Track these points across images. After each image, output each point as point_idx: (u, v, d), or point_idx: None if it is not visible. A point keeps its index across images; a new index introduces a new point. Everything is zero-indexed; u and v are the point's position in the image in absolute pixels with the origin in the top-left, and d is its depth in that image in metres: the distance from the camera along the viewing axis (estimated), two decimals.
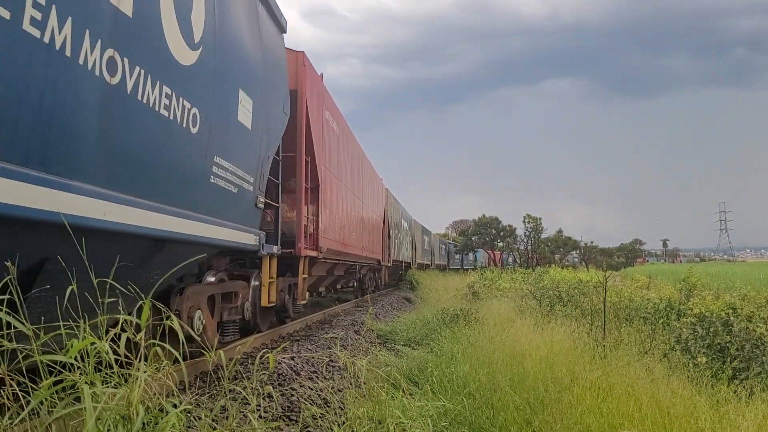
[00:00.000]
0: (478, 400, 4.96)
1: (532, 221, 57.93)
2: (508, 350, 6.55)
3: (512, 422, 4.44)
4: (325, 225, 11.67)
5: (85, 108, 3.50)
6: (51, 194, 3.18)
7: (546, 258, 60.57)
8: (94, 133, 3.61)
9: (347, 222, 14.66)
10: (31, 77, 3.05)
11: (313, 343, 8.91)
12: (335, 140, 12.99)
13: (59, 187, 3.26)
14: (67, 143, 3.37)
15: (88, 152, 3.57)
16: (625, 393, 4.67)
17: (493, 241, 60.38)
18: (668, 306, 9.26)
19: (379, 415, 4.16)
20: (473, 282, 21.29)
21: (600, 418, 4.22)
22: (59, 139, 3.30)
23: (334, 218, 12.70)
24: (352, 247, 15.31)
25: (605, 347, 6.57)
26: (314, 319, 12.53)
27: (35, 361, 2.52)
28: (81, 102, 3.45)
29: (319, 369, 6.89)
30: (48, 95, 3.18)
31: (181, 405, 2.81)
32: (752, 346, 6.41)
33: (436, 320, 10.51)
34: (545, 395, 4.77)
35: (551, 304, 11.87)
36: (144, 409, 2.55)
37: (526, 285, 17.52)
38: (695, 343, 6.83)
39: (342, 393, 5.52)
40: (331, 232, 12.28)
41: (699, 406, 4.44)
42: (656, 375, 5.41)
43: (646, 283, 19.00)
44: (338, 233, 13.27)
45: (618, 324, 8.16)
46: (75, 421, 2.59)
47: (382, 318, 13.66)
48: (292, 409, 5.14)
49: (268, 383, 5.74)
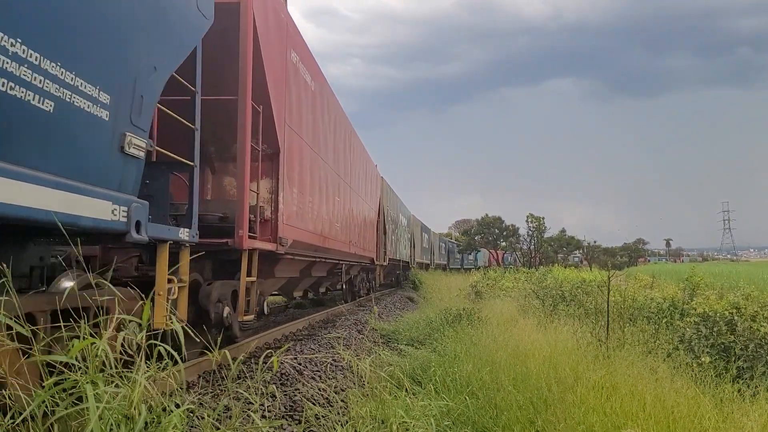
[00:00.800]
0: (481, 400, 4.95)
1: (535, 221, 57.89)
2: (511, 350, 6.54)
3: (515, 422, 4.43)
4: (291, 209, 8.60)
5: None
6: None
7: (549, 257, 60.53)
8: None
9: (328, 210, 11.58)
10: None
11: (316, 342, 8.90)
12: (309, 98, 9.83)
13: None
14: None
15: None
16: (629, 393, 4.66)
17: (495, 241, 60.36)
18: (672, 305, 9.24)
19: (383, 414, 4.16)
20: (476, 281, 21.28)
21: (603, 418, 4.20)
22: None
23: (306, 201, 9.60)
24: (336, 242, 12.35)
25: (609, 347, 6.55)
26: (317, 318, 12.54)
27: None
28: None
29: (322, 368, 6.88)
30: None
31: (184, 405, 2.81)
32: (756, 346, 6.39)
33: (439, 320, 10.50)
34: (548, 395, 4.75)
35: (554, 303, 11.85)
36: (146, 408, 2.54)
37: (529, 285, 17.52)
38: (699, 342, 6.80)
39: (345, 392, 5.52)
40: (300, 220, 9.20)
41: (703, 405, 4.42)
42: (660, 375, 5.39)
43: (649, 283, 18.97)
44: (314, 223, 10.22)
45: (621, 324, 8.13)
46: (77, 421, 2.58)
47: (385, 318, 13.66)
48: (295, 409, 5.14)
49: (271, 383, 5.74)
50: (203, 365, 6.12)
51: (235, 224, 6.74)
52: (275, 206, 7.98)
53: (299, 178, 9.09)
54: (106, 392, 2.48)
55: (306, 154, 9.58)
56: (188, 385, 5.39)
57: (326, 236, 11.32)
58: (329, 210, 11.64)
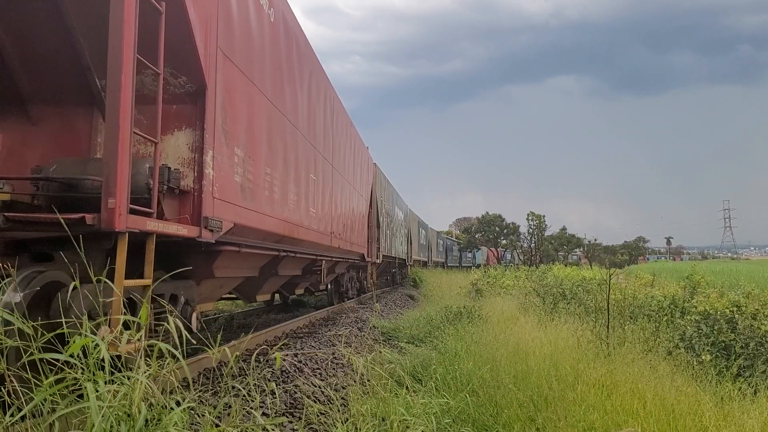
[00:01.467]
0: (481, 398, 4.96)
1: (536, 219, 57.88)
2: (512, 348, 6.54)
3: (516, 419, 4.43)
4: (231, 179, 5.97)
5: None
6: None
7: (549, 256, 60.55)
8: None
9: (299, 190, 8.72)
10: None
11: (317, 340, 8.91)
12: (266, 29, 7.17)
13: None
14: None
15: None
16: (630, 390, 4.66)
17: (496, 239, 60.37)
18: (672, 304, 9.25)
19: (383, 412, 4.16)
20: (477, 279, 21.29)
21: (604, 416, 4.20)
22: None
23: (261, 173, 6.90)
24: (311, 232, 9.55)
25: (609, 345, 6.55)
26: (317, 316, 12.54)
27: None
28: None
29: (323, 366, 6.89)
30: None
31: (184, 402, 2.81)
32: (757, 344, 6.39)
33: (439, 318, 10.50)
34: (549, 392, 4.76)
35: (555, 301, 11.86)
36: (147, 406, 2.54)
37: (530, 283, 17.53)
38: (699, 340, 6.81)
39: (346, 390, 5.52)
40: (251, 197, 6.56)
41: (703, 403, 4.42)
42: (660, 373, 5.39)
43: (650, 281, 18.97)
44: (272, 203, 7.32)
45: (622, 322, 8.14)
46: (77, 419, 2.58)
47: (386, 316, 13.66)
48: (295, 406, 5.14)
49: (271, 380, 5.74)
50: (203, 362, 6.11)
51: (102, 191, 4.04)
52: (199, 171, 5.38)
53: (248, 137, 6.44)
54: (108, 390, 2.49)
55: (261, 106, 6.95)
56: (188, 383, 5.40)
57: (295, 224, 8.51)
58: (300, 190, 8.82)
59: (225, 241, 6.11)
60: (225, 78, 5.87)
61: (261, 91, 6.96)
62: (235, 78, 6.18)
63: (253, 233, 6.90)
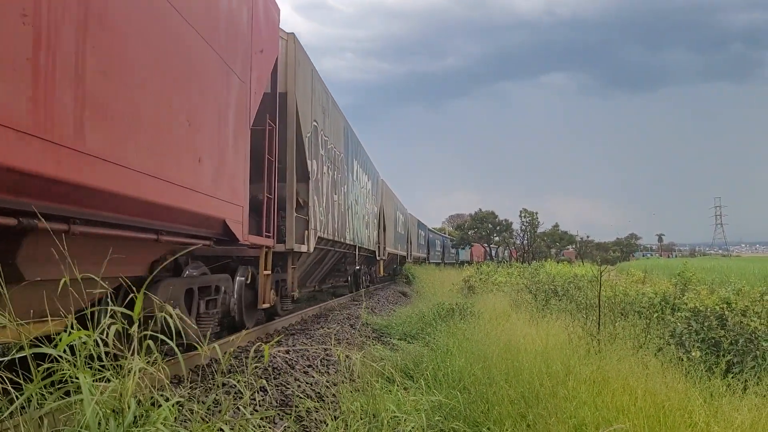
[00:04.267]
0: (473, 394, 4.96)
1: (528, 216, 58.04)
2: (504, 344, 6.54)
3: (507, 416, 4.44)
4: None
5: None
6: None
7: (542, 252, 60.72)
8: None
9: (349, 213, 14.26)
10: None
11: (308, 337, 8.89)
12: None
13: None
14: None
15: None
16: (620, 387, 4.67)
17: (489, 236, 60.49)
18: (663, 300, 9.29)
19: (374, 408, 4.15)
20: (469, 276, 21.33)
21: (595, 412, 4.21)
22: None
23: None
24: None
25: (600, 341, 6.57)
26: (309, 312, 12.52)
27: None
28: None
29: (314, 363, 6.87)
30: None
31: (173, 398, 2.79)
32: (746, 341, 6.42)
33: (431, 314, 10.51)
34: (540, 389, 4.76)
35: (546, 298, 11.89)
36: (136, 402, 2.53)
37: (522, 279, 17.56)
38: (690, 337, 6.84)
39: (337, 387, 5.51)
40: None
41: (693, 400, 4.44)
42: (651, 369, 5.41)
43: (641, 278, 19.06)
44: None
45: (613, 318, 8.16)
46: (64, 415, 2.56)
47: (378, 312, 13.66)
48: (286, 403, 5.13)
49: (262, 377, 5.72)
50: (194, 359, 6.09)
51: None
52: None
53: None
54: (97, 386, 2.46)
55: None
56: (179, 379, 5.37)
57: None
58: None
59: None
60: None
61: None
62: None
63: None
